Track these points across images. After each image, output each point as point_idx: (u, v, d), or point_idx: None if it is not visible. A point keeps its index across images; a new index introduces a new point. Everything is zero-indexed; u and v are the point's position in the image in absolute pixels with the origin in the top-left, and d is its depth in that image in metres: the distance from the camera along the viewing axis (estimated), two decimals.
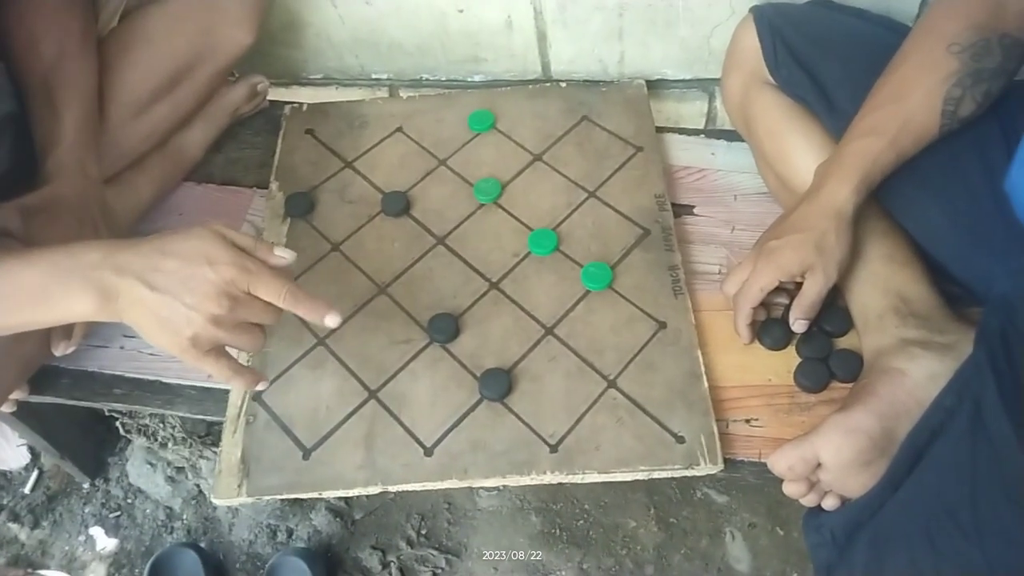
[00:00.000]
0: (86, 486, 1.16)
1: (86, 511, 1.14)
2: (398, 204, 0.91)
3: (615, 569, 1.04)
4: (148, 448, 1.13)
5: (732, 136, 0.97)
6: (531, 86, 1.04)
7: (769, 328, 0.78)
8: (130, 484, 1.15)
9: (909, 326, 0.68)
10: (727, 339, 0.79)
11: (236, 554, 1.09)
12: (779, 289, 0.73)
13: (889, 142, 0.66)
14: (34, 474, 1.16)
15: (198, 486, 1.13)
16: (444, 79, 1.11)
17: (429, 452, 0.73)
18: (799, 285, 0.72)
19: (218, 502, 0.73)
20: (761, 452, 0.72)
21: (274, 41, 1.07)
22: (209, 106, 0.99)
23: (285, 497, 0.74)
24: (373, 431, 0.75)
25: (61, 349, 0.78)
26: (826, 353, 0.76)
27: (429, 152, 0.98)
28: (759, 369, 0.77)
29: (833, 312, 0.77)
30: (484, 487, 1.07)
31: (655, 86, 1.05)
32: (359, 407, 0.77)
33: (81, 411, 0.97)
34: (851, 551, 0.61)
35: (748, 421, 0.74)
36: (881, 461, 0.62)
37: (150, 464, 1.14)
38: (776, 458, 0.65)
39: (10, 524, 1.13)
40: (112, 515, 1.13)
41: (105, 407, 0.94)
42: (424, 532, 1.08)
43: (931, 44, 0.66)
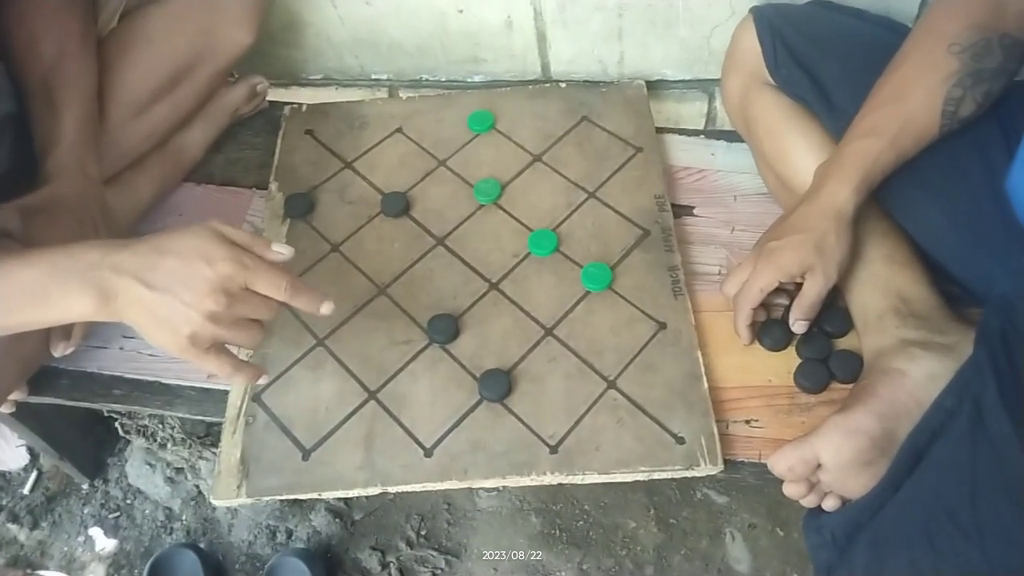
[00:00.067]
0: (85, 487, 1.15)
1: (85, 512, 1.14)
2: (398, 205, 0.91)
3: (615, 570, 1.04)
4: (147, 449, 1.13)
5: (732, 137, 0.97)
6: (531, 86, 1.04)
7: (769, 329, 0.78)
8: (129, 485, 1.15)
9: (909, 327, 0.68)
10: (727, 340, 0.79)
11: (235, 555, 1.08)
12: (779, 290, 0.73)
13: (889, 142, 0.66)
14: (33, 475, 1.16)
15: (197, 487, 1.13)
16: (444, 79, 1.11)
17: (429, 453, 0.73)
18: (799, 286, 0.72)
19: (217, 503, 0.73)
20: (761, 453, 0.72)
21: (274, 41, 1.07)
22: (209, 106, 0.99)
23: (284, 498, 0.74)
24: (373, 432, 0.75)
25: (60, 350, 0.78)
26: (826, 354, 0.76)
27: (429, 153, 0.97)
28: (759, 370, 0.77)
29: (833, 313, 0.77)
30: (484, 488, 1.07)
31: (655, 86, 1.05)
32: (359, 408, 0.77)
33: (80, 412, 0.97)
34: (851, 552, 0.61)
35: (748, 422, 0.74)
36: (881, 462, 0.62)
37: (149, 465, 1.14)
38: (776, 459, 0.65)
39: (9, 525, 1.13)
40: (111, 516, 1.13)
41: (104, 408, 0.94)
42: (424, 533, 1.08)
43: (931, 44, 0.66)
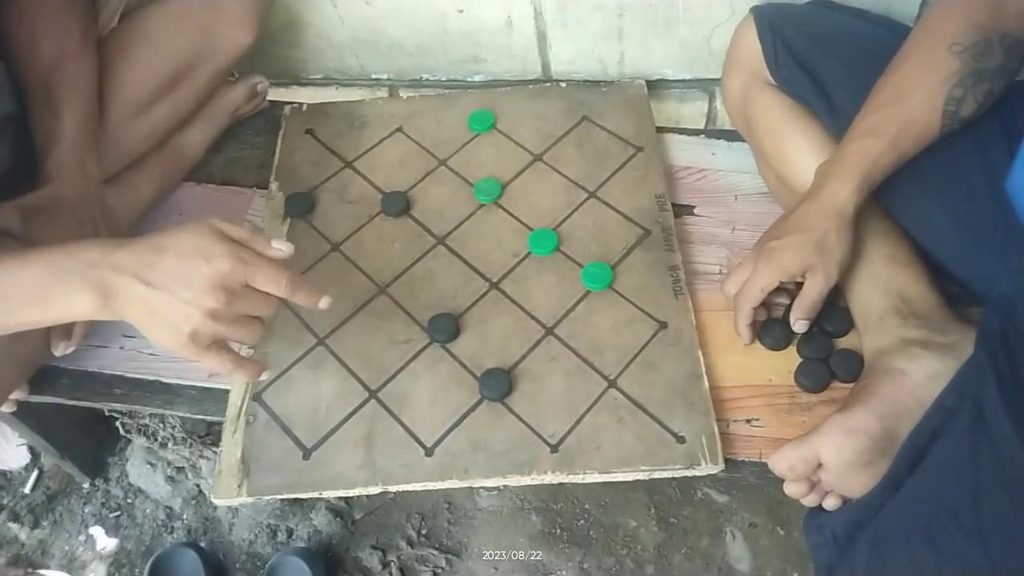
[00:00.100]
0: (86, 486, 1.15)
1: (86, 511, 1.14)
2: (398, 204, 0.91)
3: (615, 569, 1.04)
4: (148, 448, 1.13)
5: (732, 136, 0.97)
6: (531, 86, 1.04)
7: (770, 328, 0.78)
8: (130, 484, 1.15)
9: (910, 326, 0.68)
10: (728, 339, 0.79)
11: (236, 554, 1.09)
12: (780, 289, 0.73)
13: (890, 142, 0.66)
14: (34, 474, 1.16)
15: (198, 486, 1.13)
16: (444, 79, 1.11)
17: (429, 452, 0.73)
18: (800, 285, 0.72)
19: (218, 502, 0.73)
20: (762, 452, 0.72)
21: (274, 41, 1.07)
22: (209, 106, 0.99)
23: (285, 497, 0.74)
24: (373, 431, 0.75)
25: (61, 349, 0.78)
26: (827, 353, 0.76)
27: (429, 152, 0.97)
28: (760, 369, 0.77)
29: (834, 312, 0.77)
30: (484, 487, 1.07)
31: (655, 86, 1.05)
32: (359, 407, 0.77)
33: (81, 411, 0.97)
34: (852, 551, 0.61)
35: (749, 421, 0.74)
36: (882, 461, 0.62)
37: (150, 464, 1.14)
38: (777, 458, 0.65)
39: (10, 524, 1.13)
40: (112, 515, 1.13)
41: (105, 407, 0.94)
42: (424, 532, 1.08)
43: (932, 44, 0.66)
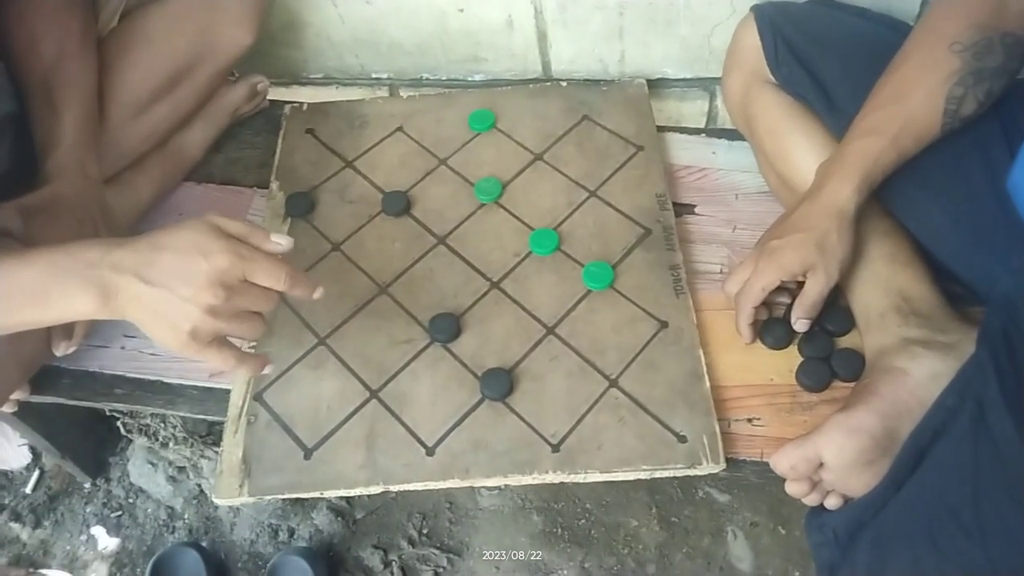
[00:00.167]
0: (87, 486, 1.15)
1: (87, 511, 1.14)
2: (399, 204, 0.91)
3: (617, 568, 1.04)
4: (149, 448, 1.13)
5: (733, 135, 0.97)
6: (531, 85, 1.04)
7: (771, 327, 0.78)
8: (131, 484, 1.15)
9: (911, 325, 0.68)
10: (729, 338, 0.79)
11: (238, 553, 1.09)
12: (781, 288, 0.73)
13: (890, 141, 0.66)
14: (35, 474, 1.16)
15: (199, 486, 1.13)
16: (444, 78, 1.11)
17: (431, 452, 0.73)
18: (801, 284, 0.72)
19: (219, 502, 0.73)
20: (763, 451, 0.72)
21: (274, 41, 1.07)
22: (209, 106, 0.99)
23: (286, 497, 0.74)
24: (374, 431, 0.75)
25: (62, 349, 0.78)
26: (828, 352, 0.76)
27: (429, 152, 0.97)
28: (761, 368, 0.77)
29: (835, 311, 0.77)
30: (485, 486, 1.07)
31: (656, 85, 1.05)
32: (360, 407, 0.77)
33: (82, 411, 0.97)
34: (854, 551, 0.61)
35: (750, 420, 0.74)
36: (883, 460, 0.62)
37: (151, 464, 1.14)
38: (778, 457, 0.65)
39: (12, 524, 1.13)
40: (113, 515, 1.13)
41: (106, 407, 0.94)
42: (425, 531, 1.08)
43: (933, 43, 0.66)
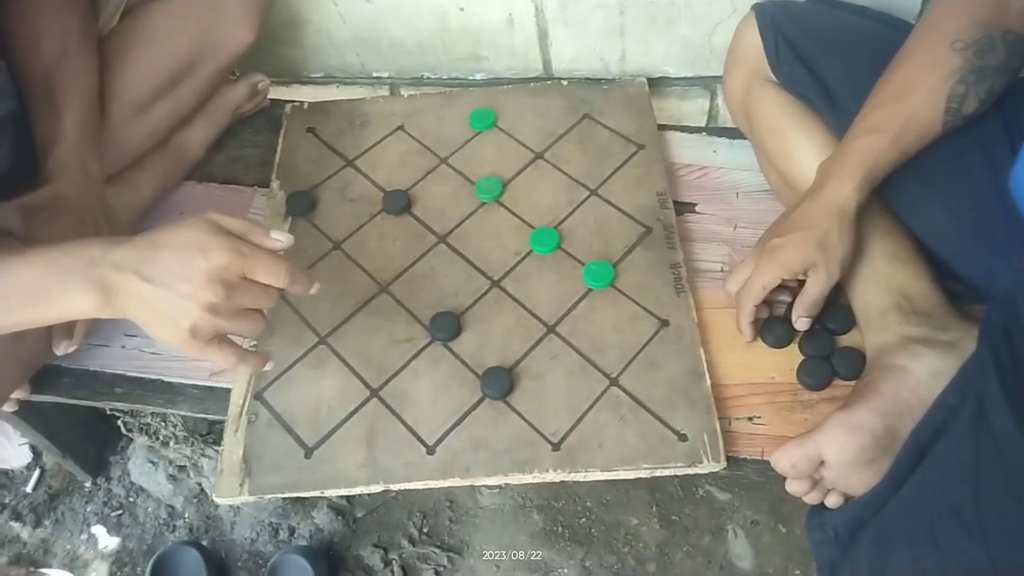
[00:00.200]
0: (88, 485, 1.16)
1: (88, 510, 1.14)
2: (399, 202, 0.91)
3: (617, 567, 1.04)
4: (150, 447, 1.13)
5: (734, 134, 0.97)
6: (532, 84, 1.04)
7: (772, 326, 0.78)
8: (132, 483, 1.15)
9: (912, 324, 0.68)
10: (729, 337, 0.79)
11: (238, 552, 1.09)
12: (781, 287, 0.73)
13: (892, 140, 0.66)
14: (36, 473, 1.16)
15: (200, 484, 1.13)
16: (445, 77, 1.11)
17: (431, 450, 0.73)
18: (801, 283, 0.72)
19: (220, 501, 0.73)
20: (764, 450, 0.72)
21: (275, 39, 1.07)
22: (210, 105, 0.99)
23: (287, 496, 0.74)
24: (375, 430, 0.75)
25: (62, 348, 0.78)
26: (829, 351, 0.76)
27: (430, 150, 0.97)
28: (762, 367, 0.77)
29: (836, 310, 0.77)
30: (486, 485, 1.07)
31: (657, 84, 1.05)
32: (361, 406, 0.77)
33: (83, 410, 0.97)
34: (854, 549, 0.61)
35: (751, 419, 0.74)
36: (884, 459, 0.62)
37: (152, 463, 1.14)
38: (779, 456, 0.65)
39: (12, 523, 1.13)
40: (114, 514, 1.13)
41: (107, 406, 0.94)
42: (426, 530, 1.08)
43: (934, 41, 0.66)
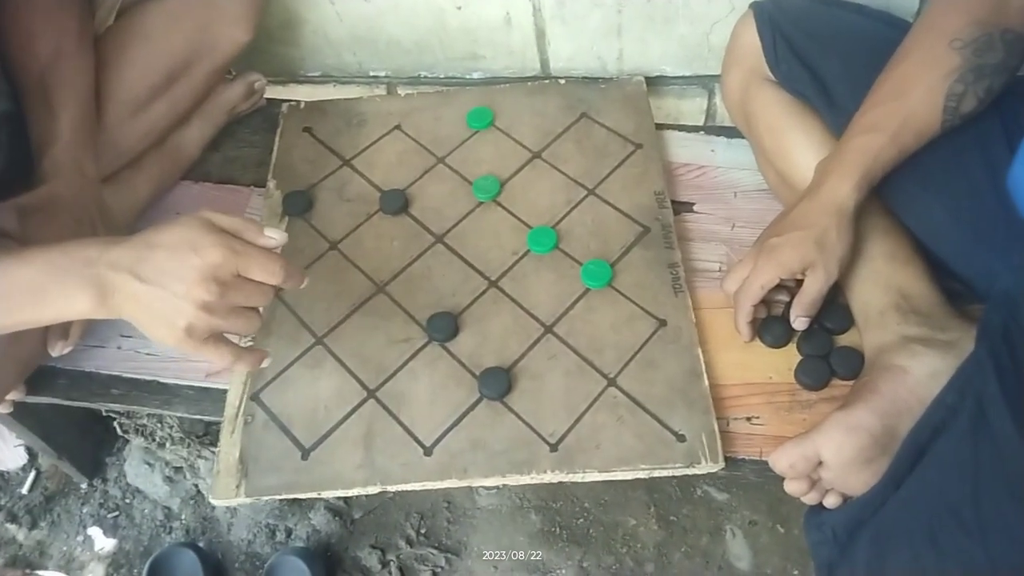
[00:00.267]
0: (84, 486, 1.15)
1: (84, 511, 1.14)
2: (396, 202, 0.91)
3: (615, 567, 1.03)
4: (146, 448, 1.12)
5: (732, 133, 0.97)
6: (530, 83, 1.04)
7: (770, 326, 0.78)
8: (128, 484, 1.14)
9: (910, 323, 0.68)
10: (728, 337, 0.79)
11: (235, 554, 1.08)
12: (780, 286, 0.73)
13: (890, 139, 0.66)
14: (32, 474, 1.16)
15: (196, 486, 1.12)
16: (442, 76, 1.10)
17: (428, 451, 0.73)
18: (800, 282, 0.72)
19: (216, 503, 0.73)
20: (762, 450, 0.72)
21: (271, 39, 1.07)
22: (206, 104, 0.98)
23: (284, 497, 0.74)
24: (372, 431, 0.75)
25: (58, 349, 0.78)
26: (827, 350, 0.76)
27: (427, 150, 0.97)
28: (760, 367, 0.77)
29: (834, 309, 0.77)
30: (484, 486, 1.07)
31: (654, 83, 1.05)
32: (358, 407, 0.76)
33: (78, 411, 0.96)
34: (853, 549, 0.61)
35: (749, 419, 0.74)
36: (883, 459, 0.62)
37: (148, 464, 1.14)
38: (777, 456, 0.65)
39: (8, 525, 1.13)
40: (110, 515, 1.13)
41: (103, 407, 0.94)
42: (423, 531, 1.08)
43: (932, 40, 0.66)
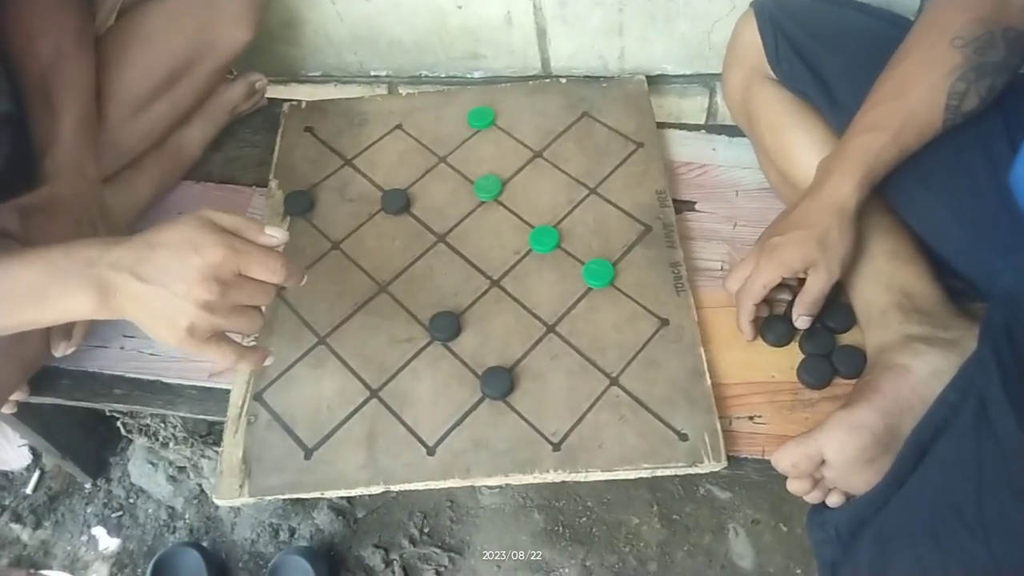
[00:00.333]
0: (88, 486, 1.15)
1: (88, 511, 1.14)
2: (398, 202, 0.91)
3: (618, 566, 1.03)
4: (149, 448, 1.13)
5: (733, 132, 0.97)
6: (531, 82, 1.04)
7: (772, 324, 0.78)
8: (132, 484, 1.15)
9: (913, 322, 0.68)
10: (730, 336, 0.79)
11: (239, 553, 1.08)
12: (782, 285, 0.73)
13: (892, 137, 0.66)
14: (36, 474, 1.16)
15: (200, 485, 1.13)
16: (443, 76, 1.10)
17: (431, 451, 0.73)
18: (802, 281, 0.72)
19: (220, 502, 0.73)
20: (764, 449, 0.72)
21: (272, 38, 1.07)
22: (208, 104, 0.99)
23: (287, 497, 0.74)
24: (375, 430, 0.75)
25: (61, 350, 0.78)
26: (829, 349, 0.76)
27: (429, 149, 0.97)
28: (762, 366, 0.77)
29: (836, 308, 0.77)
30: (486, 485, 1.07)
31: (656, 82, 1.05)
32: (361, 406, 0.76)
33: (82, 411, 0.96)
34: (855, 548, 0.61)
35: (751, 418, 0.74)
36: (885, 458, 0.62)
37: (152, 464, 1.14)
38: (780, 455, 0.65)
39: (12, 525, 1.13)
40: (114, 515, 1.13)
41: (106, 407, 0.94)
42: (427, 530, 1.08)
43: (934, 38, 0.66)
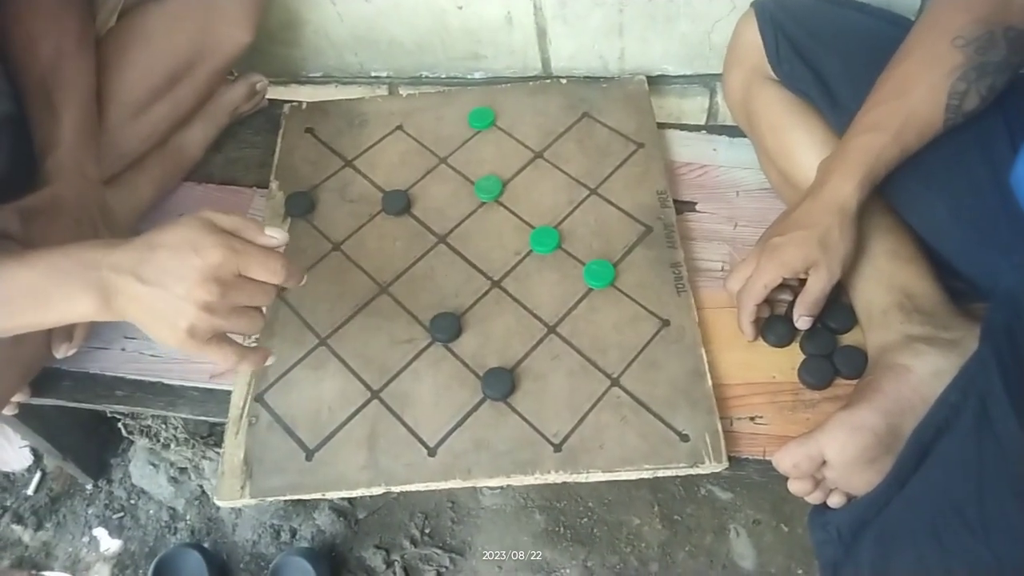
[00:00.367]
0: (89, 487, 1.15)
1: (89, 512, 1.14)
2: (399, 203, 0.91)
3: (620, 567, 1.03)
4: (151, 449, 1.13)
5: (734, 132, 0.97)
6: (531, 83, 1.04)
7: (773, 325, 0.77)
8: (133, 485, 1.15)
9: (914, 322, 0.68)
10: (731, 336, 0.79)
11: (240, 554, 1.08)
12: (783, 286, 0.73)
13: (893, 137, 0.66)
14: (37, 476, 1.16)
15: (201, 487, 1.13)
16: (444, 76, 1.10)
17: (432, 452, 0.73)
18: (803, 282, 0.72)
19: (221, 504, 0.73)
20: (766, 449, 0.72)
21: (273, 39, 1.07)
22: (208, 105, 0.99)
23: (288, 498, 0.74)
24: (376, 431, 0.75)
25: (62, 351, 0.78)
26: (830, 350, 0.76)
27: (429, 150, 0.97)
28: (763, 366, 0.77)
29: (837, 308, 0.77)
30: (487, 486, 1.07)
31: (656, 82, 1.05)
32: (362, 407, 0.76)
33: (83, 413, 0.96)
34: (857, 548, 0.61)
35: (752, 418, 0.74)
36: (886, 458, 0.62)
37: (153, 465, 1.14)
38: (781, 455, 0.65)
39: (14, 526, 1.13)
40: (115, 516, 1.13)
41: (107, 409, 0.94)
42: (428, 531, 1.08)
43: (935, 38, 0.66)
